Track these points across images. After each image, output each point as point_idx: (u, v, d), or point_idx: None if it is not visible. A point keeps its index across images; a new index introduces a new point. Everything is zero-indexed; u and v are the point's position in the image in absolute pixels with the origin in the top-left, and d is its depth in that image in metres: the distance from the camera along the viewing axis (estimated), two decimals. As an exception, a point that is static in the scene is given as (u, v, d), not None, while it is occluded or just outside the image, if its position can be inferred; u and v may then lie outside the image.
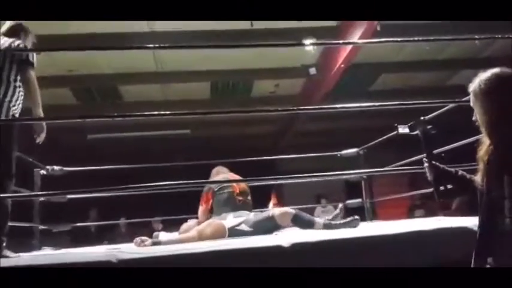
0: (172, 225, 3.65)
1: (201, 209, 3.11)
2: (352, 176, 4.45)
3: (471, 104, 1.57)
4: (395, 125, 4.17)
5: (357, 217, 2.68)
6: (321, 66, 6.03)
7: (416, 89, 7.37)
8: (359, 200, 4.46)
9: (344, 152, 4.50)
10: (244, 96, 7.23)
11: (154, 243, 2.53)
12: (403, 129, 3.96)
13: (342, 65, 5.42)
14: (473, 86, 1.54)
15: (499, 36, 2.61)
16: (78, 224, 4.02)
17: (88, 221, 4.02)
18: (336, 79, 6.00)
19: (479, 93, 1.50)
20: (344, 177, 4.54)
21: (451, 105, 3.41)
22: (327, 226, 2.62)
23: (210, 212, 3.05)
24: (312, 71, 6.01)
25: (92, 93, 6.61)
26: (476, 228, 1.32)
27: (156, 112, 2.39)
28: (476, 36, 2.69)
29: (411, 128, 3.50)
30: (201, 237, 2.56)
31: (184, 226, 2.97)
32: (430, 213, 7.56)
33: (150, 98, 6.87)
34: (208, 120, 7.92)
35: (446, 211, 7.70)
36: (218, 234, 2.59)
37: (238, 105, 7.01)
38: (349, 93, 6.46)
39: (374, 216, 4.58)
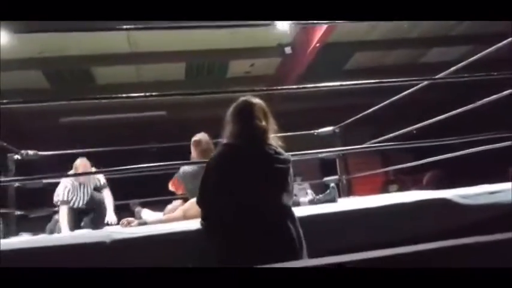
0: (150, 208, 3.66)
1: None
2: (328, 154, 4.53)
3: None
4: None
5: (332, 185, 2.79)
6: (297, 46, 6.04)
7: (390, 67, 7.47)
8: (336, 177, 4.55)
9: (320, 130, 4.56)
10: (219, 77, 7.19)
11: (140, 224, 2.55)
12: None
13: (318, 44, 5.44)
14: None
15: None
16: (56, 209, 3.97)
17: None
18: (311, 58, 6.03)
19: None
20: (320, 155, 4.61)
21: (424, 82, 3.50)
22: (311, 202, 2.74)
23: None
24: (288, 50, 6.02)
25: (63, 76, 6.44)
26: (458, 199, 1.40)
27: (132, 94, 2.37)
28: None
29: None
30: (186, 217, 2.58)
31: (170, 206, 2.99)
32: (403, 188, 7.79)
33: (124, 80, 6.75)
34: (184, 102, 7.86)
35: (418, 185, 7.95)
36: None
37: (214, 86, 6.97)
38: (324, 72, 6.50)
39: (350, 192, 4.69)
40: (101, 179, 4.01)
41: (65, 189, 3.74)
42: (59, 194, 3.70)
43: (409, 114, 6.19)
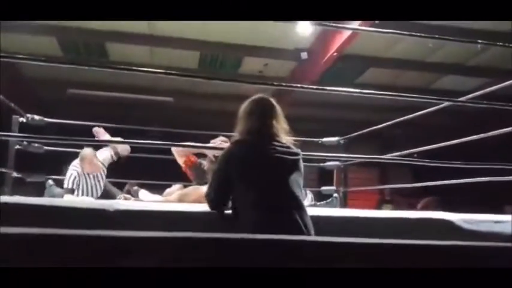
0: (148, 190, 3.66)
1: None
2: (329, 164, 4.53)
3: None
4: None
5: (335, 195, 2.79)
6: (314, 52, 6.04)
7: (401, 87, 7.47)
8: (333, 187, 4.54)
9: (325, 139, 4.56)
10: (231, 72, 7.18)
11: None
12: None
13: (335, 53, 5.44)
14: None
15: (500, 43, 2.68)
16: (53, 177, 3.97)
17: (62, 175, 3.96)
18: (326, 67, 6.02)
19: None
20: (322, 164, 4.61)
21: (433, 108, 3.51)
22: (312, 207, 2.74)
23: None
24: (304, 55, 6.01)
25: (78, 47, 6.43)
26: (461, 223, 1.39)
27: (143, 68, 2.40)
28: (479, 41, 2.75)
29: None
30: (181, 202, 2.58)
31: (169, 190, 2.99)
32: (398, 209, 7.79)
33: (137, 60, 6.74)
34: (192, 91, 7.86)
35: (412, 209, 7.95)
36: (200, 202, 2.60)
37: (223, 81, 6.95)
38: (336, 82, 6.51)
39: (344, 206, 4.68)
40: (108, 158, 3.99)
41: (70, 176, 3.74)
42: (65, 181, 3.71)
43: (415, 136, 6.20)
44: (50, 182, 3.92)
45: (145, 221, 1.64)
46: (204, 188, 2.71)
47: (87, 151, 3.78)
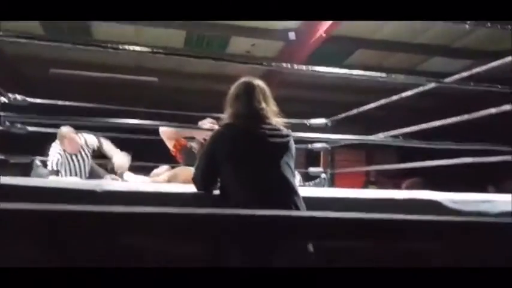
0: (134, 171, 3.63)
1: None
2: (317, 145, 4.55)
3: None
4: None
5: (323, 175, 2.81)
6: (302, 33, 5.99)
7: (388, 69, 7.48)
8: (320, 169, 4.57)
9: (313, 121, 4.57)
10: (219, 52, 7.09)
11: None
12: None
13: (324, 34, 5.40)
14: None
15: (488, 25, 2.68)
16: (38, 158, 3.91)
17: (45, 156, 3.90)
18: (314, 48, 5.99)
19: None
20: (309, 146, 4.63)
21: (419, 89, 3.53)
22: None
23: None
24: (292, 35, 5.96)
25: (61, 26, 6.27)
26: (448, 203, 1.41)
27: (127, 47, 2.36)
28: (468, 22, 2.75)
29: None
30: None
31: (156, 171, 2.96)
32: (383, 189, 7.90)
33: (121, 39, 6.61)
34: (177, 71, 7.76)
35: (398, 190, 8.07)
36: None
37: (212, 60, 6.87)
38: (324, 64, 6.48)
39: (332, 187, 4.72)
40: (95, 142, 3.93)
41: (53, 158, 3.69)
42: (48, 163, 3.66)
43: (401, 118, 6.24)
44: (37, 162, 3.87)
45: (135, 201, 1.63)
46: (192, 169, 2.69)
47: (64, 129, 3.72)
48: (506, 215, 1.87)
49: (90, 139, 3.95)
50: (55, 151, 3.74)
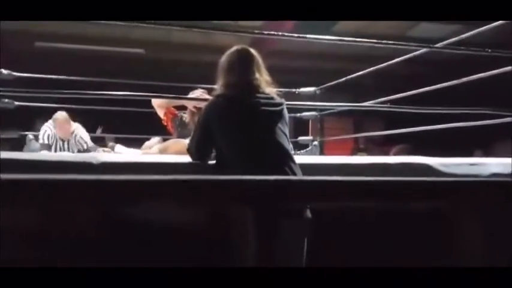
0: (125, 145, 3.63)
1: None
2: (306, 114, 4.57)
3: None
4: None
5: (315, 143, 2.85)
6: (288, 0, 5.90)
7: (376, 35, 7.43)
8: (310, 137, 4.61)
9: (301, 89, 4.57)
10: (206, 22, 6.96)
11: None
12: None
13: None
14: None
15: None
16: (27, 133, 3.88)
17: (35, 131, 3.88)
18: (301, 15, 5.91)
19: None
20: (298, 115, 4.64)
21: (406, 56, 3.54)
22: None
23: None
24: (279, 3, 5.87)
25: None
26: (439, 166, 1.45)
27: None
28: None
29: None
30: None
31: (147, 143, 2.97)
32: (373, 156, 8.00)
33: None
34: (164, 42, 7.64)
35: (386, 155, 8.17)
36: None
37: (200, 31, 6.76)
38: (312, 31, 6.41)
39: (321, 154, 4.77)
40: (86, 142, 3.92)
41: (44, 133, 3.68)
42: (40, 137, 3.65)
43: (388, 85, 6.27)
44: (30, 136, 3.86)
45: (132, 172, 1.64)
46: (184, 141, 2.71)
47: (58, 114, 3.70)
48: (497, 176, 1.92)
49: (84, 135, 3.94)
50: (47, 126, 3.74)
